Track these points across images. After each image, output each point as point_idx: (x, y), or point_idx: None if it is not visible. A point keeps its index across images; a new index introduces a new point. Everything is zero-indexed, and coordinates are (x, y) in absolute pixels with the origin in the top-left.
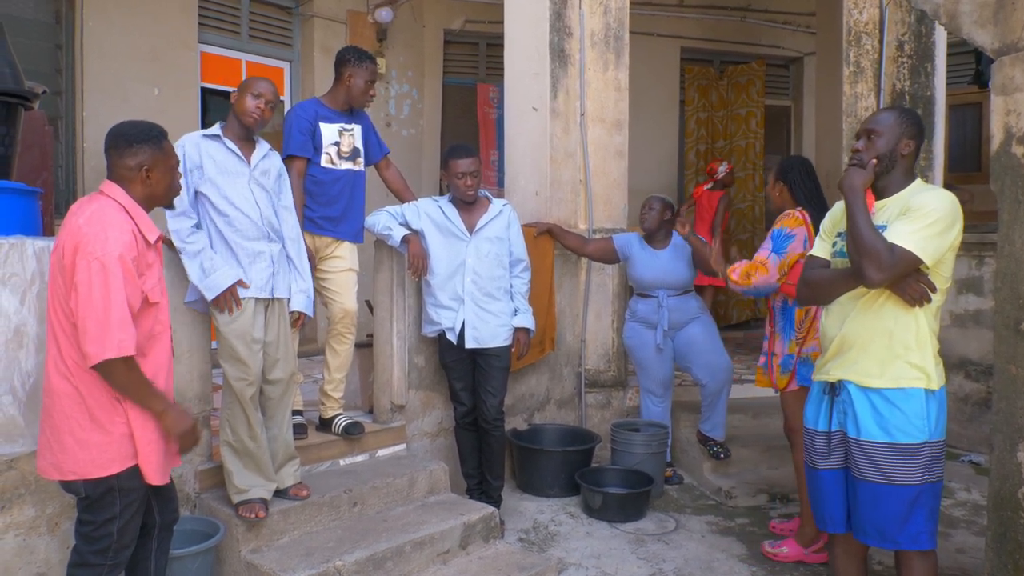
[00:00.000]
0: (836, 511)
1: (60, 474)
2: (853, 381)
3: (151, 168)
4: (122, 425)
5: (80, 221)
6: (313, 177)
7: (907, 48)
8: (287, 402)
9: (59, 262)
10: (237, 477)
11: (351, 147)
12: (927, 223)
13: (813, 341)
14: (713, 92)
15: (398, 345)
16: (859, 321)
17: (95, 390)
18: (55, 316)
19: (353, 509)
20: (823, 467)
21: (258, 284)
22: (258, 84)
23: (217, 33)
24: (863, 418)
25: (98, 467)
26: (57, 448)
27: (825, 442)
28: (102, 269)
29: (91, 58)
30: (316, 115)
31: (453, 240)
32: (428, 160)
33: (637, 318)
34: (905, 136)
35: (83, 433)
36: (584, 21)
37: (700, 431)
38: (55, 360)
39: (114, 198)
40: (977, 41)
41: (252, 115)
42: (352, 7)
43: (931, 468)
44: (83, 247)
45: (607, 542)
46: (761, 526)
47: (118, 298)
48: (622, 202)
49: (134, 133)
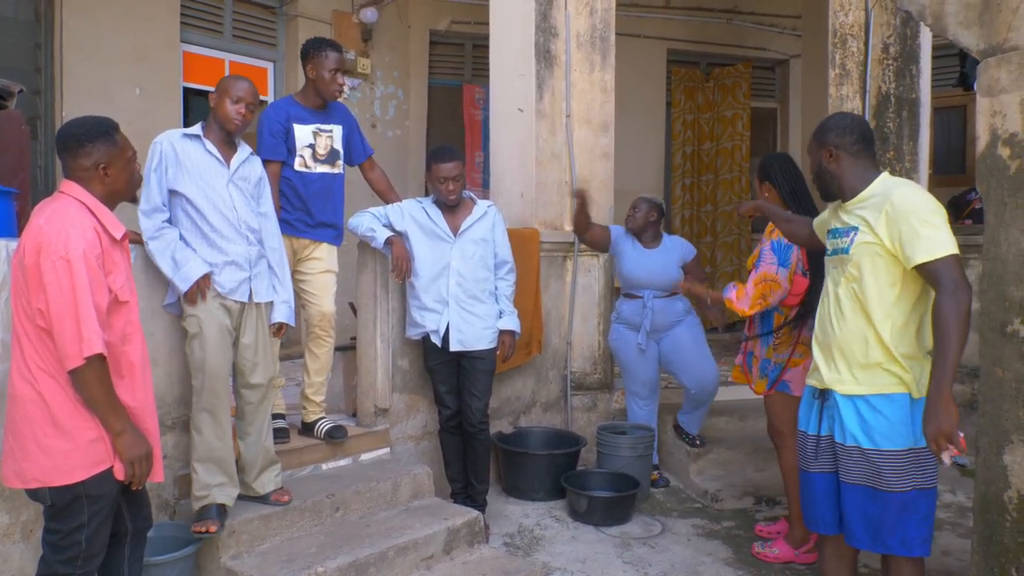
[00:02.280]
0: (827, 513)
1: (23, 482)
2: (836, 389)
3: (108, 165)
4: (88, 431)
5: (40, 221)
6: (287, 180)
7: (892, 50)
8: (266, 407)
9: (20, 263)
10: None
11: (327, 149)
12: (934, 221)
13: (789, 347)
14: (699, 94)
15: (382, 348)
16: (838, 327)
17: (59, 395)
18: (17, 319)
19: (336, 514)
20: (814, 469)
21: (228, 286)
22: (237, 87)
23: (200, 33)
24: (848, 424)
25: (63, 474)
26: (20, 455)
27: (815, 445)
28: (67, 267)
29: (71, 57)
30: (289, 116)
31: (437, 242)
32: (414, 161)
33: (622, 320)
34: (820, 149)
35: (47, 440)
36: (570, 22)
37: (677, 419)
38: (18, 364)
39: (75, 196)
40: (962, 42)
41: (234, 121)
42: (337, 7)
43: (919, 475)
44: (45, 247)
45: (593, 546)
46: (747, 529)
47: (84, 297)
48: (608, 204)
49: (84, 132)
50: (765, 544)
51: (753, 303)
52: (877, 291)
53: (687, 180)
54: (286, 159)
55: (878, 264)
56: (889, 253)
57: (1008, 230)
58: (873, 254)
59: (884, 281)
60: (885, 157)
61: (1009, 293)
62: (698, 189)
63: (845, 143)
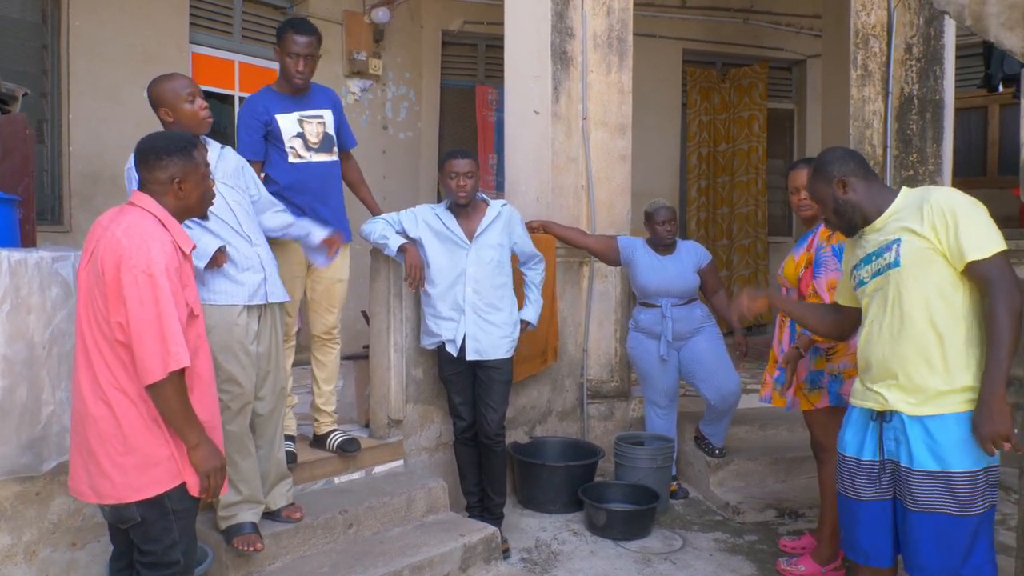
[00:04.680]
0: (882, 544)
1: (99, 497)
2: (903, 411)
3: (183, 180)
4: (159, 447)
5: (118, 234)
6: (283, 178)
7: (915, 51)
8: (277, 417)
9: (97, 278)
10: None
11: (320, 136)
12: (978, 217)
13: (845, 358)
14: (715, 95)
15: (395, 358)
16: (899, 345)
17: (130, 412)
18: (91, 336)
19: (348, 531)
20: (868, 497)
21: (250, 290)
22: (183, 85)
23: (209, 33)
24: (916, 447)
25: (134, 491)
26: (96, 471)
27: (872, 471)
28: (149, 281)
29: (78, 59)
30: (267, 108)
31: (453, 248)
32: (425, 163)
33: (640, 328)
34: (829, 185)
35: (120, 457)
36: (587, 22)
37: (699, 429)
38: (89, 382)
39: (148, 209)
40: (1006, 44)
41: (206, 121)
42: (348, 7)
43: (990, 494)
44: (127, 260)
45: (612, 562)
46: (770, 544)
47: (169, 310)
48: (625, 208)
49: (163, 146)
50: (790, 561)
51: None
52: (941, 298)
53: (703, 182)
54: (273, 156)
55: (935, 269)
56: (942, 255)
57: None
58: (927, 260)
59: (947, 287)
60: (908, 159)
61: None
62: (714, 191)
63: (851, 169)
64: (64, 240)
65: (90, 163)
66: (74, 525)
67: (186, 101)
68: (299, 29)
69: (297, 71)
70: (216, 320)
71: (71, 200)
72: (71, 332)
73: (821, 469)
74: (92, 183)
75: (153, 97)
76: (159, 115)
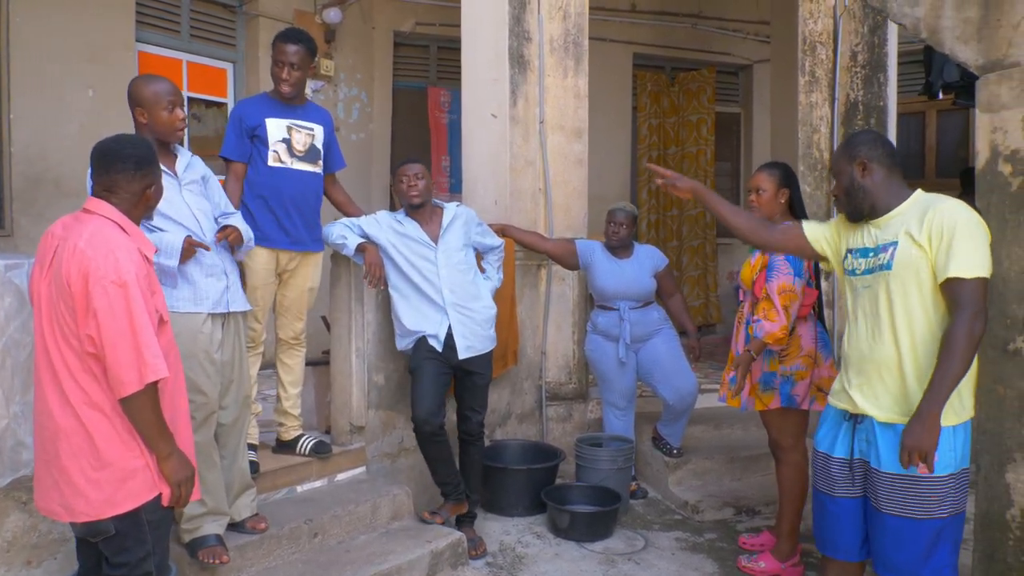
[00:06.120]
0: (852, 539)
1: (72, 516)
2: (875, 416)
3: (153, 187)
4: (133, 459)
5: (81, 244)
6: (260, 181)
7: (860, 58)
8: (241, 427)
9: (61, 291)
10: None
11: (307, 146)
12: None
13: (798, 360)
14: (665, 98)
15: (357, 363)
16: (876, 349)
17: (102, 425)
18: (56, 350)
19: (314, 540)
20: (840, 494)
21: (213, 298)
22: (166, 92)
23: (156, 32)
24: (885, 450)
25: (112, 506)
26: (68, 490)
27: (843, 469)
28: (121, 291)
29: (19, 57)
30: (260, 111)
31: (421, 248)
32: (378, 165)
33: (599, 330)
34: (851, 163)
35: (95, 473)
36: (543, 26)
37: (657, 430)
38: (56, 396)
39: (107, 216)
40: (960, 57)
41: (180, 132)
42: (299, 7)
43: (956, 499)
44: (95, 272)
45: (577, 564)
46: (730, 541)
47: (142, 320)
48: (582, 211)
49: (141, 154)
50: (751, 558)
51: (783, 327)
52: (923, 310)
53: (653, 184)
54: (255, 159)
55: (923, 279)
56: (931, 265)
57: (1010, 247)
58: (917, 269)
59: (930, 299)
60: None
61: (1011, 311)
62: (664, 194)
63: (878, 155)
64: (5, 244)
65: (32, 165)
66: (29, 543)
67: (164, 108)
68: (286, 38)
69: (282, 78)
70: (180, 328)
71: (12, 204)
72: (25, 343)
73: (778, 467)
74: (34, 185)
75: (133, 96)
76: (134, 114)
